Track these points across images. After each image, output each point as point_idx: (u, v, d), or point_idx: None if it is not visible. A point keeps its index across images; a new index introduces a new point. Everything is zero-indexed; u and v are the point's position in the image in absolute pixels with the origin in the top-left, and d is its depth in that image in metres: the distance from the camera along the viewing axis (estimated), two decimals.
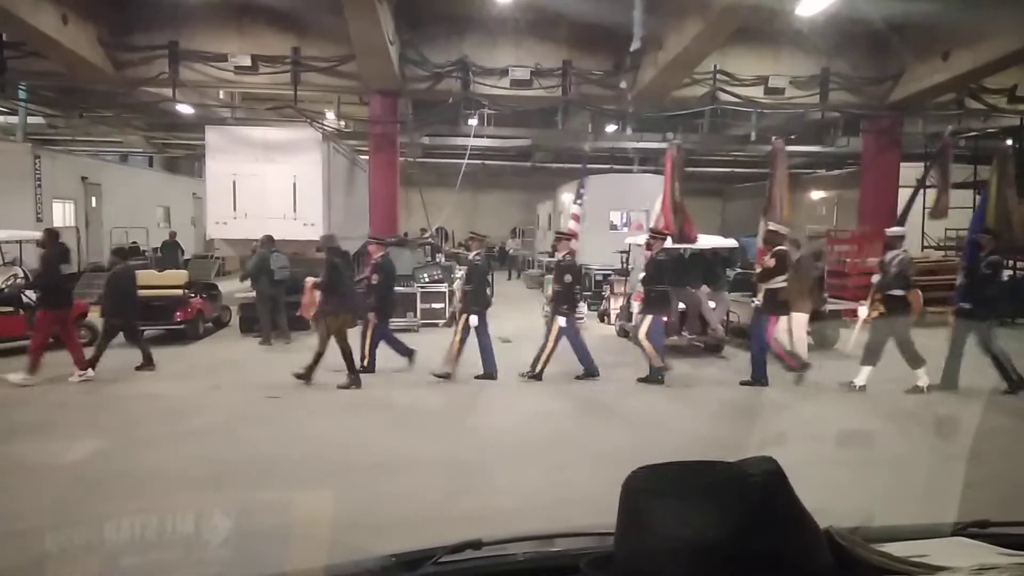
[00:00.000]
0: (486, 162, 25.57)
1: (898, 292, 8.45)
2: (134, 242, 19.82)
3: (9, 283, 11.03)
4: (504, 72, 14.96)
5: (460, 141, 19.84)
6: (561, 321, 8.83)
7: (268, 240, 11.65)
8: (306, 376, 8.39)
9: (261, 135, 14.77)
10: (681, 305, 10.88)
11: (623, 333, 11.75)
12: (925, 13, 12.71)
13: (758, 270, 9.23)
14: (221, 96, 19.43)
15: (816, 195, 24.64)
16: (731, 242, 11.73)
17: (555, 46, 15.10)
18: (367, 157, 17.17)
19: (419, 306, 13.32)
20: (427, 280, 13.92)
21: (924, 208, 17.74)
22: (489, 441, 6.56)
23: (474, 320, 8.79)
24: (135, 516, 1.62)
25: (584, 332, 12.98)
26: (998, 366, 8.30)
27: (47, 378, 8.52)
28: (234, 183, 14.17)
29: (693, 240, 10.68)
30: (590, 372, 8.93)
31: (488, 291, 9.44)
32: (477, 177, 26.31)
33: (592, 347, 9.72)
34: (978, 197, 12.78)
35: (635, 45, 12.91)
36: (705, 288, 10.88)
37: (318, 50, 14.32)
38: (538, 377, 8.80)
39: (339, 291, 8.58)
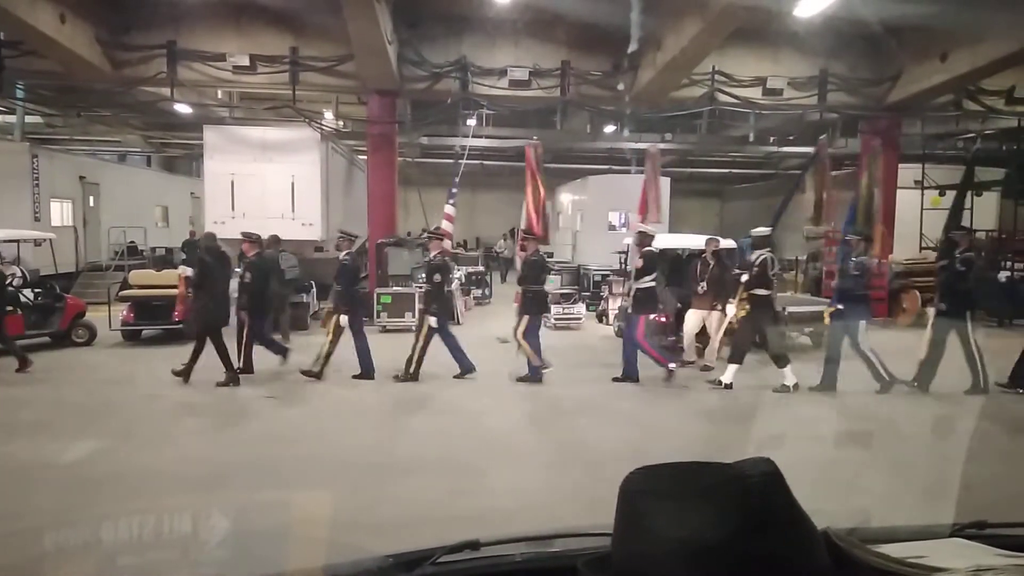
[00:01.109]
0: (484, 162, 25.55)
1: (762, 291, 8.61)
2: (132, 242, 19.81)
3: (8, 282, 10.99)
4: (502, 72, 14.95)
5: (459, 141, 19.82)
6: (431, 321, 8.84)
7: (275, 240, 11.61)
8: (184, 374, 8.51)
9: (259, 135, 14.76)
10: (679, 305, 10.90)
11: (621, 333, 11.74)
12: (923, 14, 12.70)
13: (631, 270, 9.42)
14: (219, 96, 19.39)
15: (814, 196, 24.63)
16: (729, 243, 11.71)
17: (554, 47, 15.09)
18: (365, 157, 17.16)
19: (417, 306, 13.29)
20: (425, 280, 13.91)
21: (922, 209, 17.81)
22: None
23: (344, 320, 8.83)
24: (132, 515, 1.62)
25: (583, 332, 13.07)
26: (868, 366, 8.41)
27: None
28: (232, 183, 14.16)
29: (542, 239, 10.71)
30: (466, 370, 8.93)
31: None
32: (476, 177, 26.29)
33: (590, 347, 9.77)
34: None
35: (633, 46, 12.91)
36: None
37: (316, 50, 14.30)
38: (413, 378, 8.76)
39: (209, 290, 8.65)
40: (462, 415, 7.55)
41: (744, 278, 8.89)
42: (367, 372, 8.96)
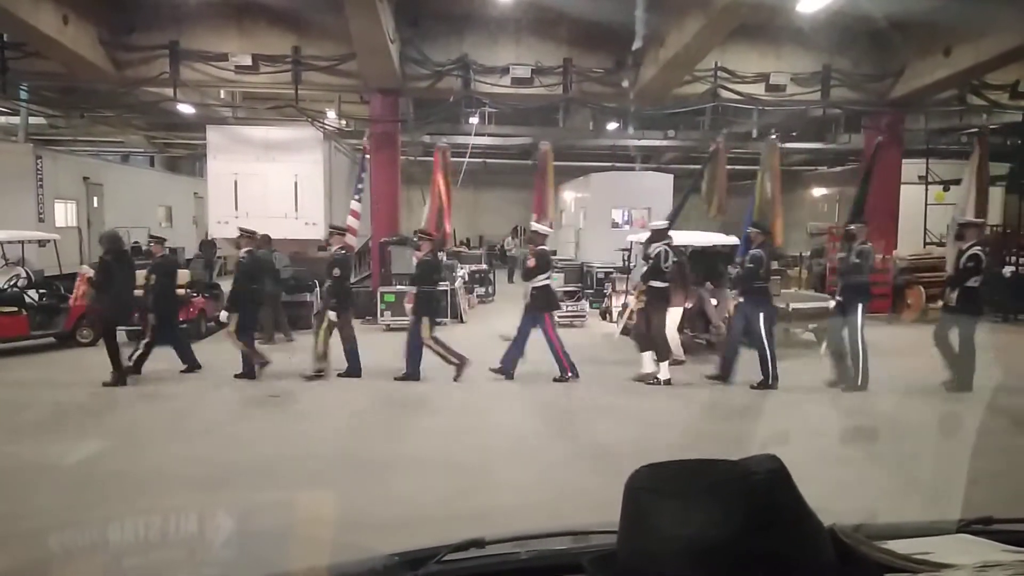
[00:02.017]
0: (487, 160, 25.55)
1: (657, 283, 8.76)
2: (136, 242, 19.85)
3: (13, 283, 11.02)
4: (505, 70, 14.94)
5: (461, 139, 19.81)
6: (331, 315, 8.80)
7: (267, 240, 11.63)
8: (119, 378, 8.41)
9: (262, 134, 14.77)
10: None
11: (625, 331, 11.74)
12: (926, 9, 12.67)
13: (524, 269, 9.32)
14: (222, 96, 19.42)
15: (818, 192, 24.61)
16: (733, 240, 11.70)
17: (556, 44, 15.08)
18: (367, 155, 17.16)
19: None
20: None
21: (926, 204, 17.76)
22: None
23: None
24: (136, 516, 1.63)
25: (585, 330, 13.05)
26: (761, 361, 8.48)
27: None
28: (235, 182, 14.18)
29: (445, 241, 10.67)
30: (351, 371, 8.86)
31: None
32: (478, 175, 26.26)
33: (593, 345, 9.76)
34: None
35: (637, 44, 12.90)
36: (708, 285, 10.88)
37: (319, 49, 14.31)
38: (319, 376, 8.70)
39: (109, 291, 8.60)
40: (447, 413, 7.60)
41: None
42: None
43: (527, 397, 8.31)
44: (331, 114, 18.67)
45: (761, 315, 8.49)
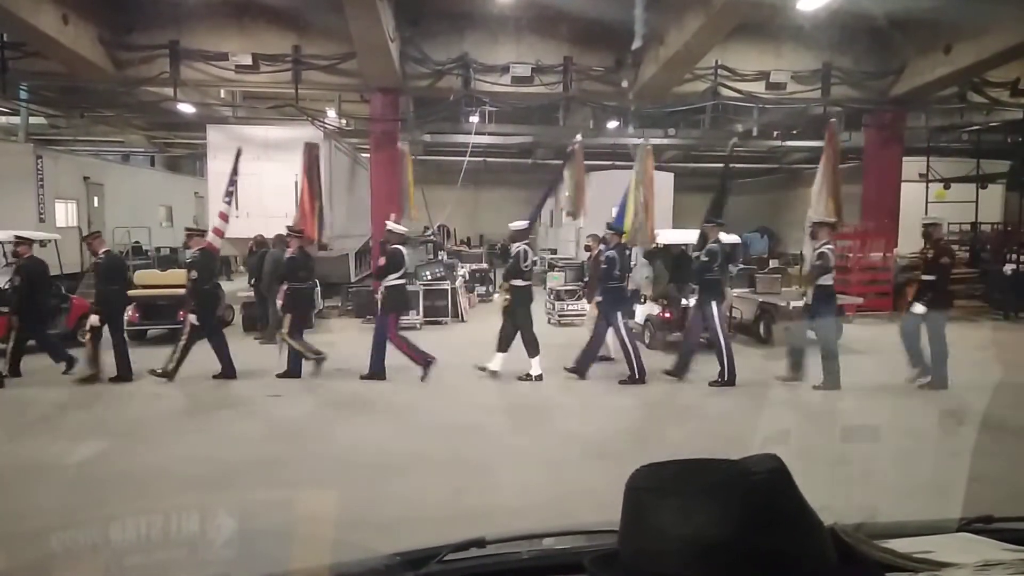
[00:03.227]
0: (487, 159, 25.55)
1: (519, 282, 8.87)
2: (137, 242, 19.87)
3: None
4: (505, 69, 14.95)
5: (461, 138, 19.79)
6: (192, 318, 8.79)
7: (279, 239, 11.61)
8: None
9: (262, 134, 14.76)
10: (684, 301, 10.89)
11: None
12: (927, 7, 12.66)
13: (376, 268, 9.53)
14: (222, 95, 19.42)
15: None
16: (733, 238, 11.70)
17: (556, 43, 15.07)
18: (368, 155, 17.17)
19: (422, 304, 13.34)
20: (429, 278, 13.94)
21: (927, 202, 17.75)
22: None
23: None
24: (139, 515, 1.63)
25: (586, 329, 13.04)
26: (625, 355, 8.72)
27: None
28: (236, 182, 14.15)
29: (312, 241, 10.57)
30: (226, 373, 8.85)
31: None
32: (479, 174, 26.29)
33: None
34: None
35: (637, 43, 12.88)
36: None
37: (319, 48, 14.31)
38: (169, 376, 8.61)
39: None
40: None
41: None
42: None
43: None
44: (331, 113, 18.65)
45: (610, 312, 8.80)
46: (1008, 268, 14.52)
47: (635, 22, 12.61)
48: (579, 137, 13.24)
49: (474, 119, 19.19)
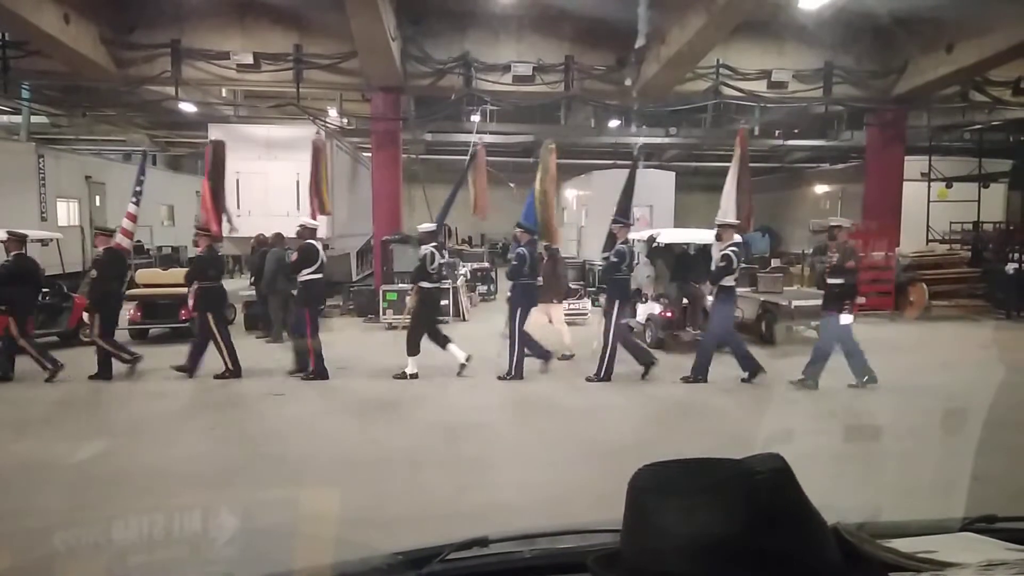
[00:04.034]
0: (489, 158, 25.55)
1: (426, 284, 8.97)
2: (138, 241, 19.85)
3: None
4: (506, 68, 14.93)
5: (463, 137, 19.80)
6: (86, 318, 8.88)
7: (279, 238, 11.62)
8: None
9: (264, 133, 14.77)
10: (685, 300, 10.89)
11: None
12: (929, 5, 12.64)
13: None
14: (224, 94, 19.42)
15: (820, 189, 24.57)
16: (735, 238, 11.69)
17: (557, 42, 15.06)
18: (370, 154, 17.18)
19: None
20: None
21: (929, 201, 17.74)
22: None
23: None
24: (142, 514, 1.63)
25: (587, 328, 13.02)
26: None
27: None
28: (237, 181, 14.17)
29: (216, 236, 10.38)
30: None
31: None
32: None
33: (586, 343, 9.78)
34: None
35: (640, 41, 12.87)
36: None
37: (320, 47, 14.31)
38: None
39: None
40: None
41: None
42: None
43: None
44: (333, 112, 18.66)
45: (520, 309, 8.88)
46: (1010, 267, 14.49)
47: (637, 20, 12.61)
48: (479, 138, 13.30)
49: (475, 118, 19.19)
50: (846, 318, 8.20)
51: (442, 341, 8.98)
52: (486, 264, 19.26)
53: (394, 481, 5.23)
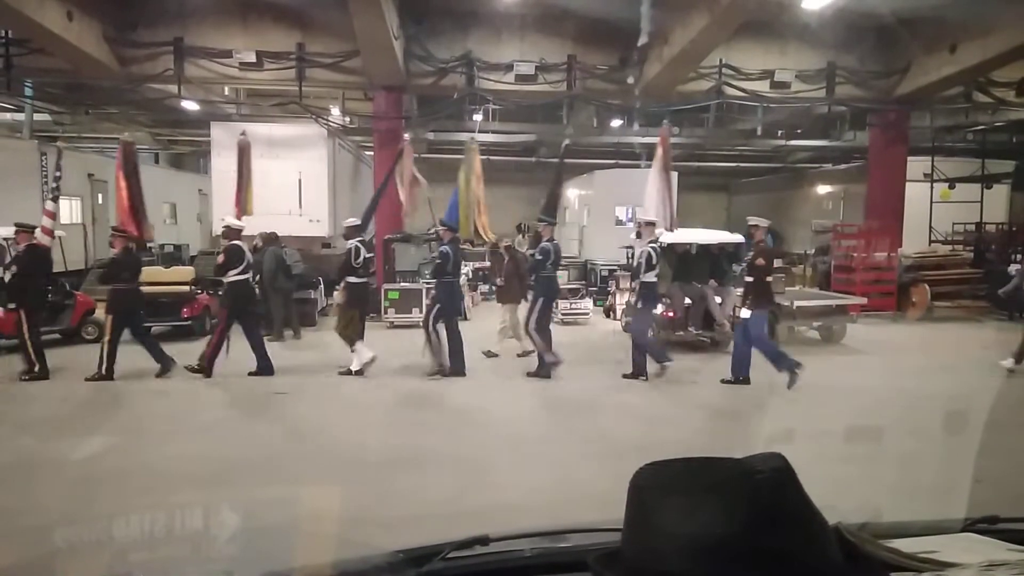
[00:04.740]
0: (491, 158, 25.58)
1: (354, 279, 8.93)
2: None
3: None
4: (509, 67, 14.93)
5: (465, 136, 19.77)
6: (22, 316, 8.71)
7: (273, 237, 11.63)
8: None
9: (266, 131, 14.77)
10: (687, 300, 10.88)
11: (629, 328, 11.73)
12: (932, 5, 12.61)
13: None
14: (226, 92, 19.44)
15: (822, 189, 24.54)
16: (737, 237, 11.68)
17: (560, 41, 15.05)
18: (372, 153, 17.18)
19: (424, 302, 13.31)
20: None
21: (931, 202, 17.71)
22: None
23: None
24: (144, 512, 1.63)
25: (589, 327, 13.05)
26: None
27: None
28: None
29: (137, 238, 10.29)
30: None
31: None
32: (482, 173, 26.28)
33: (594, 343, 9.77)
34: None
35: (643, 39, 12.86)
36: (711, 283, 10.87)
37: (323, 46, 14.31)
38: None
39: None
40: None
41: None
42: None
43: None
44: (335, 111, 18.67)
45: (438, 307, 8.91)
46: (1013, 268, 14.45)
47: (640, 20, 12.60)
48: (407, 136, 13.31)
49: (478, 117, 19.20)
50: (745, 313, 8.44)
51: (353, 343, 8.94)
52: (488, 263, 19.24)
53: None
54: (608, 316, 14.20)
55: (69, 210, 17.35)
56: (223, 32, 14.21)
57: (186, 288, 11.55)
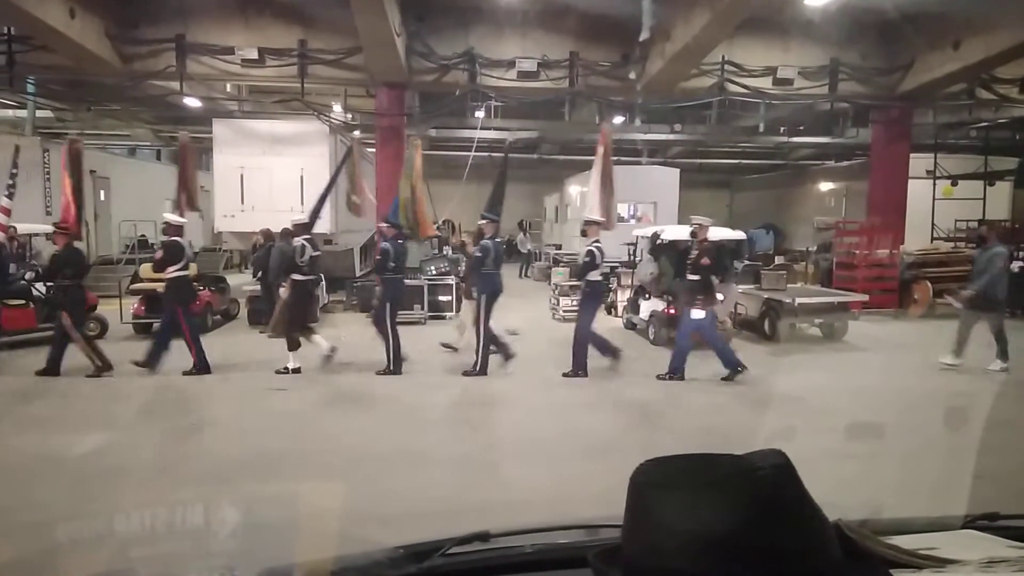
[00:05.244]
0: (493, 154, 25.59)
1: (297, 276, 8.90)
2: (142, 235, 19.88)
3: (27, 276, 11.05)
4: (511, 64, 14.92)
5: (467, 133, 19.79)
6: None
7: (288, 233, 11.62)
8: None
9: (268, 128, 14.79)
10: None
11: (630, 325, 11.75)
12: (936, 1, 12.59)
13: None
14: (228, 89, 19.44)
15: (825, 186, 24.52)
16: (739, 234, 11.69)
17: (562, 37, 15.04)
18: (374, 150, 17.18)
19: (426, 299, 13.34)
20: (434, 272, 13.94)
21: (934, 199, 17.69)
22: None
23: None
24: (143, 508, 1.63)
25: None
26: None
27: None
28: (241, 176, 14.20)
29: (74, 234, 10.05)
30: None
31: None
32: (484, 169, 26.30)
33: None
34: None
35: (644, 35, 12.84)
36: (713, 280, 10.85)
37: (324, 43, 14.31)
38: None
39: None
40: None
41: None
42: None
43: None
44: (337, 108, 18.66)
45: (388, 304, 8.93)
46: (1015, 266, 14.42)
47: (642, 16, 12.59)
48: (357, 133, 13.31)
49: (479, 114, 19.19)
50: (697, 313, 8.44)
51: (306, 334, 8.99)
52: None
53: None
54: (609, 313, 14.19)
55: None
56: (225, 29, 14.22)
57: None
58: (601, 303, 9.18)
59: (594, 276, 8.81)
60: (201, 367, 8.61)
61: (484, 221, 9.30)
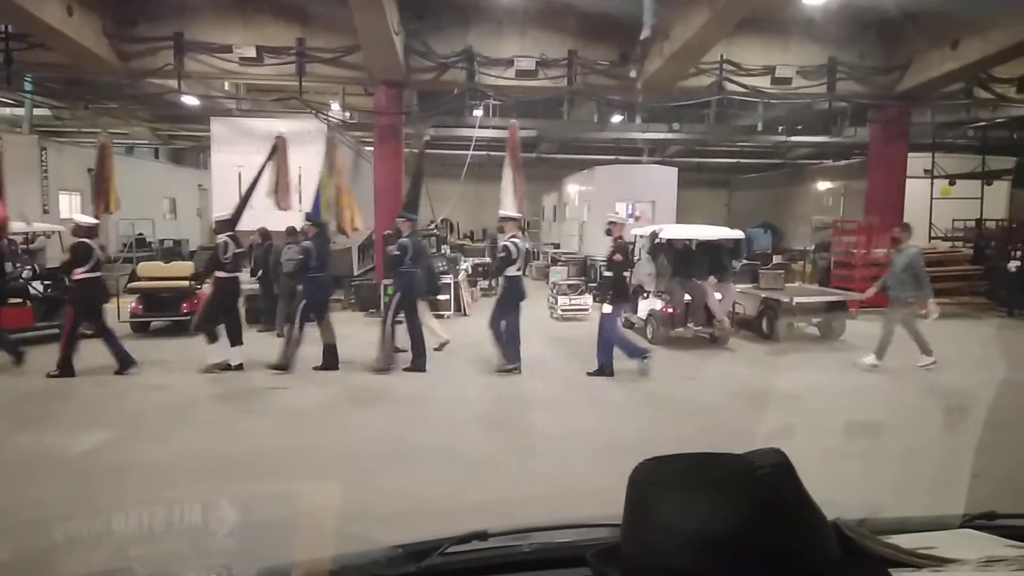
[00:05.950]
0: (491, 153, 25.57)
1: (222, 274, 8.96)
2: (140, 234, 19.90)
3: (18, 275, 11.04)
4: (509, 62, 14.90)
5: (465, 132, 19.76)
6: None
7: (292, 231, 11.63)
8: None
9: (266, 126, 14.75)
10: (687, 296, 10.89)
11: (628, 324, 11.73)
12: (934, 1, 12.58)
13: None
14: (226, 87, 19.41)
15: (823, 185, 24.54)
16: (737, 233, 11.69)
17: (561, 36, 15.02)
18: (372, 148, 17.16)
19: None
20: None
21: (932, 198, 17.70)
22: None
23: None
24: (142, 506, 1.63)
25: (588, 324, 13.04)
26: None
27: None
28: (239, 175, 14.15)
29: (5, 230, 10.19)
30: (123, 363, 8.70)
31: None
32: (482, 168, 26.30)
33: (590, 340, 9.76)
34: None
35: (645, 33, 12.83)
36: (711, 279, 10.87)
37: (323, 41, 14.28)
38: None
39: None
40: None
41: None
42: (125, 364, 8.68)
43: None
44: (335, 106, 18.64)
45: (304, 303, 8.94)
46: (1013, 265, 14.47)
47: (641, 15, 12.58)
48: (283, 130, 13.27)
49: (478, 113, 19.17)
50: (606, 308, 8.62)
51: (237, 339, 8.95)
52: (487, 259, 19.26)
53: None
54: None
55: (69, 205, 17.39)
56: (223, 27, 14.18)
57: (186, 283, 11.54)
58: (522, 299, 9.14)
59: (512, 272, 8.96)
60: (124, 364, 8.56)
61: (401, 219, 9.37)
